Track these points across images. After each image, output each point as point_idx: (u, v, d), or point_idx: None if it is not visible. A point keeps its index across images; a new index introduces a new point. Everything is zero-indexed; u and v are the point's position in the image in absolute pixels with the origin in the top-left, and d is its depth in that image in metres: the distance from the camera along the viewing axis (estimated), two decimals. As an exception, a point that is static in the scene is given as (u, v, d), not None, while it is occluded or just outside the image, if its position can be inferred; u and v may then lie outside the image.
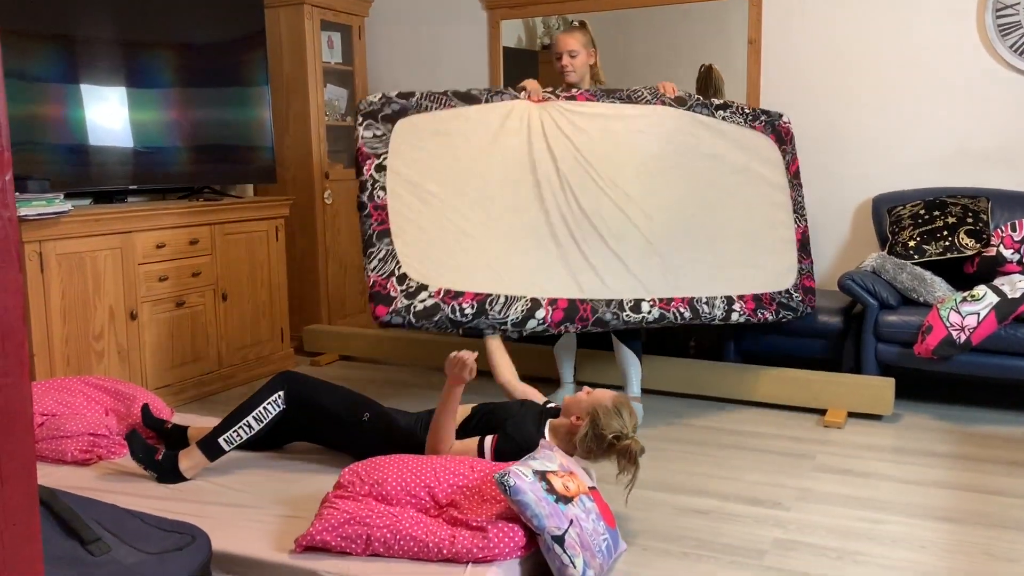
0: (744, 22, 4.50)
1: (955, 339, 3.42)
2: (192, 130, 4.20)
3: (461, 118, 3.39)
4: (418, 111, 3.37)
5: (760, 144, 3.76)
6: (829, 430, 3.47)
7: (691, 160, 3.60)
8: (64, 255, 3.43)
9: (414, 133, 3.33)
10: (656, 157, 3.53)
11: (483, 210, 3.31)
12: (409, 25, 5.31)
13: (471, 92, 3.44)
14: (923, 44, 4.18)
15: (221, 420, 2.67)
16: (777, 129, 3.81)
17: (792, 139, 3.85)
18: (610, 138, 3.49)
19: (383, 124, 3.32)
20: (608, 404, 2.45)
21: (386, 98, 3.35)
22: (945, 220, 3.87)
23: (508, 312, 3.19)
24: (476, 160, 3.35)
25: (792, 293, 3.72)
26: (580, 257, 3.35)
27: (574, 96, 3.54)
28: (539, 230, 3.34)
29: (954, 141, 4.18)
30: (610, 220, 3.41)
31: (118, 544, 1.80)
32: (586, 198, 3.40)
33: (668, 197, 3.52)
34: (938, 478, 2.96)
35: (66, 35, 3.68)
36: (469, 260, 3.24)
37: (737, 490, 2.88)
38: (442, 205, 3.27)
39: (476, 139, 3.37)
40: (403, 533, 2.10)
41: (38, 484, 1.13)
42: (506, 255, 3.28)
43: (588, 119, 3.51)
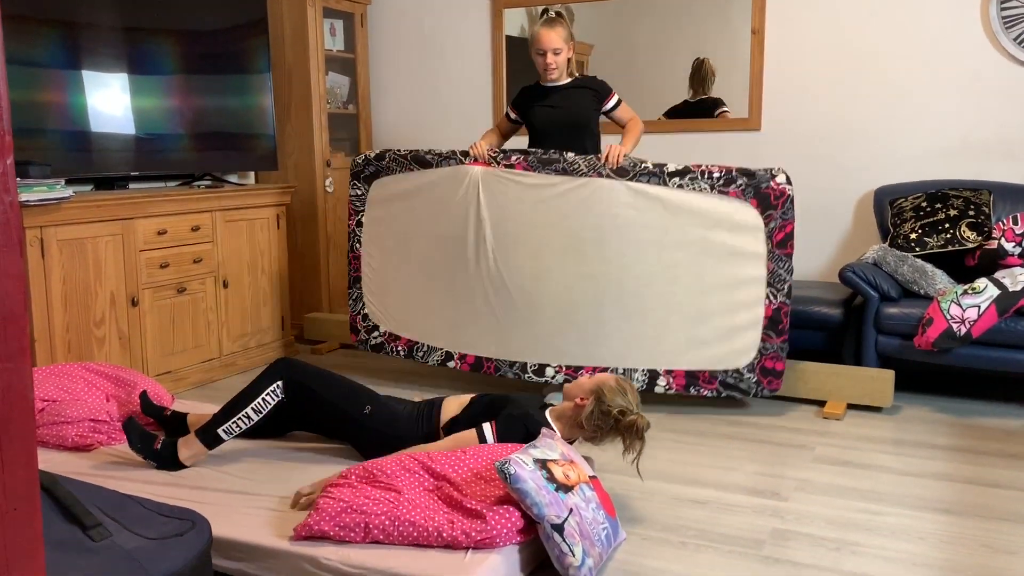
0: (747, 13, 4.48)
1: (955, 332, 3.42)
2: (194, 117, 4.19)
3: (417, 181, 3.84)
4: (388, 173, 3.92)
5: (731, 211, 3.40)
6: (828, 422, 3.48)
7: (629, 232, 3.48)
8: (65, 241, 3.43)
9: (383, 193, 3.94)
10: (585, 229, 3.54)
11: (424, 267, 3.85)
12: (412, 13, 5.29)
13: (425, 156, 3.81)
14: (927, 36, 4.16)
15: (220, 409, 2.66)
16: (762, 193, 3.36)
17: (785, 201, 3.36)
18: (540, 209, 3.59)
19: (363, 184, 3.99)
20: (611, 383, 2.47)
21: (366, 159, 3.96)
22: (947, 213, 3.87)
23: (428, 358, 3.91)
24: (423, 221, 3.83)
25: (744, 373, 3.46)
26: (494, 320, 3.72)
27: (513, 164, 3.62)
28: (464, 290, 3.76)
29: (957, 133, 4.17)
30: (527, 288, 3.64)
31: (119, 529, 1.80)
32: (508, 266, 3.66)
33: (595, 269, 3.54)
34: (937, 470, 2.97)
35: (68, 21, 3.66)
36: (409, 310, 3.92)
37: (736, 480, 2.88)
38: (395, 260, 3.94)
39: (426, 202, 3.81)
40: (401, 519, 2.11)
41: (39, 469, 1.14)
42: (437, 309, 3.84)
43: (523, 189, 3.61)
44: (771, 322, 3.42)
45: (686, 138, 4.70)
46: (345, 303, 5.16)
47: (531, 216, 3.60)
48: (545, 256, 3.59)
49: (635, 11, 4.75)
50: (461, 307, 3.77)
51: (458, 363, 3.82)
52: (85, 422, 2.84)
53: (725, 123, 4.60)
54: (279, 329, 4.56)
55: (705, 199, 3.42)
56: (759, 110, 4.52)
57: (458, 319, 3.80)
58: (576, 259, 3.56)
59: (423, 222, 3.83)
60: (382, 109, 5.47)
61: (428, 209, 3.81)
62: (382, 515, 2.12)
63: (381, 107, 5.47)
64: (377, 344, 4.04)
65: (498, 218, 3.65)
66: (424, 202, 3.82)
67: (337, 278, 5.10)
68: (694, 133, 4.68)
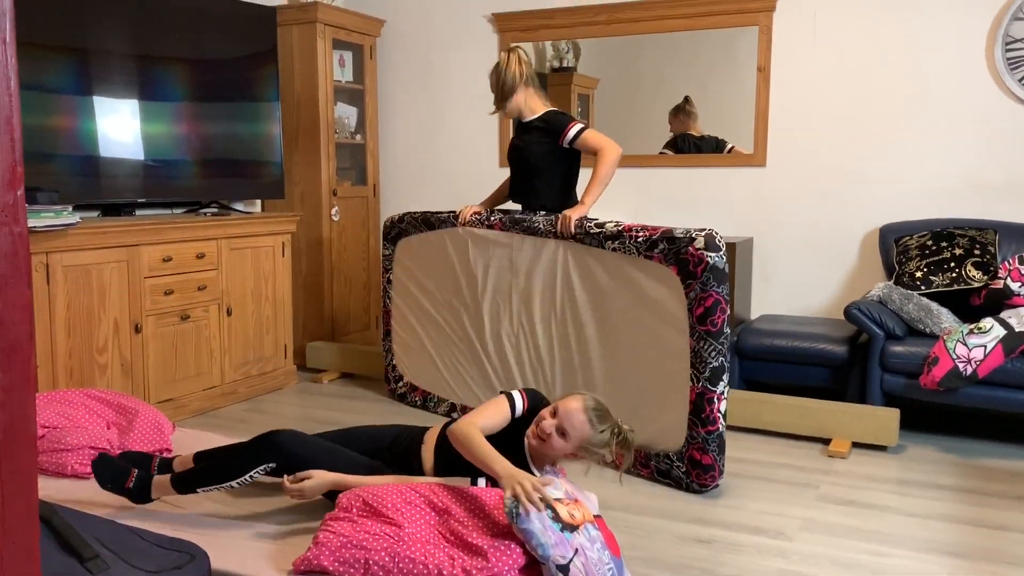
0: (752, 49, 4.51)
1: (961, 371, 3.40)
2: (202, 144, 4.22)
3: (426, 242, 4.07)
4: (407, 234, 4.15)
5: (659, 277, 3.13)
6: (833, 460, 3.45)
7: (577, 296, 3.47)
8: (71, 267, 3.43)
9: (405, 253, 4.18)
10: (546, 290, 3.61)
11: (434, 323, 4.08)
12: (420, 46, 5.34)
13: (430, 219, 4.01)
14: (933, 76, 4.19)
15: (204, 466, 2.46)
16: (682, 258, 3.02)
17: (704, 269, 2.96)
18: (512, 268, 3.73)
19: (391, 244, 4.24)
20: (590, 431, 2.32)
21: (392, 221, 4.20)
22: (952, 251, 3.87)
23: (438, 408, 4.07)
24: (431, 280, 4.07)
25: (674, 461, 3.11)
26: (489, 372, 3.86)
27: (492, 225, 3.77)
28: (464, 343, 3.96)
29: (962, 173, 4.18)
30: (508, 345, 3.78)
31: (116, 561, 1.78)
32: (494, 324, 3.82)
33: (559, 331, 3.59)
34: (943, 511, 2.93)
35: (80, 48, 3.70)
36: (423, 362, 4.14)
37: (740, 519, 2.85)
38: (413, 316, 4.16)
39: (433, 262, 4.04)
40: (402, 555, 2.08)
41: (38, 500, 1.12)
42: (444, 362, 4.05)
43: (500, 248, 3.76)
44: (695, 408, 3.03)
45: (694, 173, 4.71)
46: (348, 332, 5.16)
47: (508, 276, 3.75)
48: (523, 315, 3.72)
49: (640, 47, 4.79)
50: (462, 360, 3.98)
51: (460, 413, 3.95)
52: (85, 450, 2.82)
53: (730, 159, 4.62)
54: (282, 357, 4.55)
55: (635, 264, 3.22)
56: (764, 146, 4.54)
57: (460, 371, 3.99)
58: (544, 319, 3.65)
59: (431, 280, 4.06)
60: (389, 140, 5.50)
61: (434, 268, 4.03)
62: (382, 551, 2.09)
63: (388, 138, 5.50)
64: (401, 394, 4.28)
65: (486, 277, 3.82)
66: (431, 262, 4.04)
67: (340, 307, 5.10)
68: (700, 168, 4.69)
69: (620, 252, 3.27)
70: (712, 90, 4.64)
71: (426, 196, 5.43)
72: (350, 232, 5.17)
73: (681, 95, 4.71)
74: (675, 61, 4.72)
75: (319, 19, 4.80)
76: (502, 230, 3.72)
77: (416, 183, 5.45)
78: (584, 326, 3.48)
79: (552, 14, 4.92)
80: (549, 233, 3.56)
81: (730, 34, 4.57)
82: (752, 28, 4.50)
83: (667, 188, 4.79)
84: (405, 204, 5.51)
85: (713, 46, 4.62)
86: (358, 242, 5.24)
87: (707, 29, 4.59)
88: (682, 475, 3.10)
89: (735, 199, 4.64)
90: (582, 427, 2.32)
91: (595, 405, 2.36)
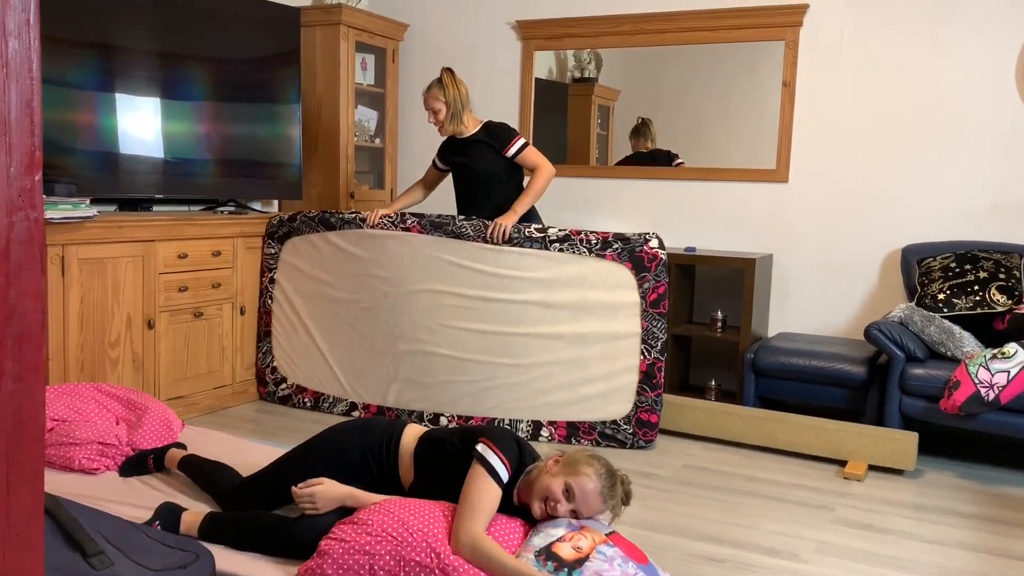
0: (775, 64, 4.48)
1: (983, 396, 3.34)
2: (222, 143, 4.21)
3: (323, 242, 4.09)
4: (298, 234, 4.14)
5: (608, 272, 3.66)
6: (849, 482, 3.39)
7: (514, 293, 3.73)
8: (86, 260, 3.42)
9: (294, 253, 4.16)
10: (474, 288, 3.79)
11: (329, 323, 4.08)
12: (443, 51, 5.33)
13: (330, 219, 4.06)
14: (960, 95, 4.14)
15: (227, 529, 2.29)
16: (636, 256, 3.63)
17: (658, 264, 3.62)
18: (432, 269, 3.85)
19: (277, 243, 4.19)
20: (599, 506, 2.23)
21: (281, 220, 4.18)
22: (976, 274, 3.81)
23: (333, 409, 4.09)
24: (328, 279, 4.07)
25: (621, 425, 3.69)
26: (393, 370, 3.96)
27: (409, 228, 3.88)
28: (366, 343, 4.00)
29: (988, 194, 4.12)
30: (423, 341, 3.88)
31: (120, 558, 1.75)
32: (403, 321, 3.91)
33: (483, 326, 3.78)
34: (961, 539, 2.87)
35: (104, 44, 3.70)
36: (315, 363, 4.13)
37: (753, 539, 2.80)
38: (303, 316, 4.14)
39: (331, 262, 4.06)
40: (407, 559, 2.05)
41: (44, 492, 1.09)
42: (341, 362, 4.06)
43: (417, 249, 3.87)
44: (646, 376, 3.65)
45: (714, 187, 4.67)
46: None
47: (425, 275, 3.86)
48: (438, 313, 3.85)
49: (661, 59, 4.76)
50: (363, 360, 4.03)
51: (362, 412, 4.04)
52: (93, 444, 2.80)
53: (752, 173, 4.57)
54: (293, 359, 4.52)
55: (584, 262, 3.68)
56: (787, 162, 4.49)
57: (360, 371, 4.04)
58: (466, 316, 3.80)
59: (328, 280, 4.09)
60: (409, 144, 5.49)
61: (333, 268, 4.07)
62: (387, 555, 2.06)
63: (408, 142, 5.49)
64: (284, 396, 4.22)
65: (395, 277, 3.91)
66: (329, 262, 4.08)
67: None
68: (720, 182, 4.65)
69: (568, 252, 3.67)
70: (732, 104, 4.60)
71: (443, 201, 5.41)
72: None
73: (702, 108, 4.68)
74: (696, 74, 4.68)
75: (343, 21, 4.79)
76: (420, 232, 3.85)
77: (434, 189, 5.43)
78: (522, 321, 3.73)
79: (576, 23, 4.90)
80: (474, 238, 3.75)
81: (753, 48, 4.53)
82: (778, 43, 4.46)
83: (685, 201, 4.75)
84: (422, 207, 5.48)
85: (735, 60, 4.58)
86: (374, 246, 5.22)
87: (733, 43, 4.56)
88: (628, 436, 3.69)
89: (755, 214, 4.59)
90: (597, 507, 2.23)
91: (607, 481, 2.23)
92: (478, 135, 3.89)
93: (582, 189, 4.99)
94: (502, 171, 3.89)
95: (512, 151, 3.85)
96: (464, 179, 3.97)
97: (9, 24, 0.95)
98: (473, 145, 3.90)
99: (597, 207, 4.96)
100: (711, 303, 4.67)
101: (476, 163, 3.89)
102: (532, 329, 3.73)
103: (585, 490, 2.19)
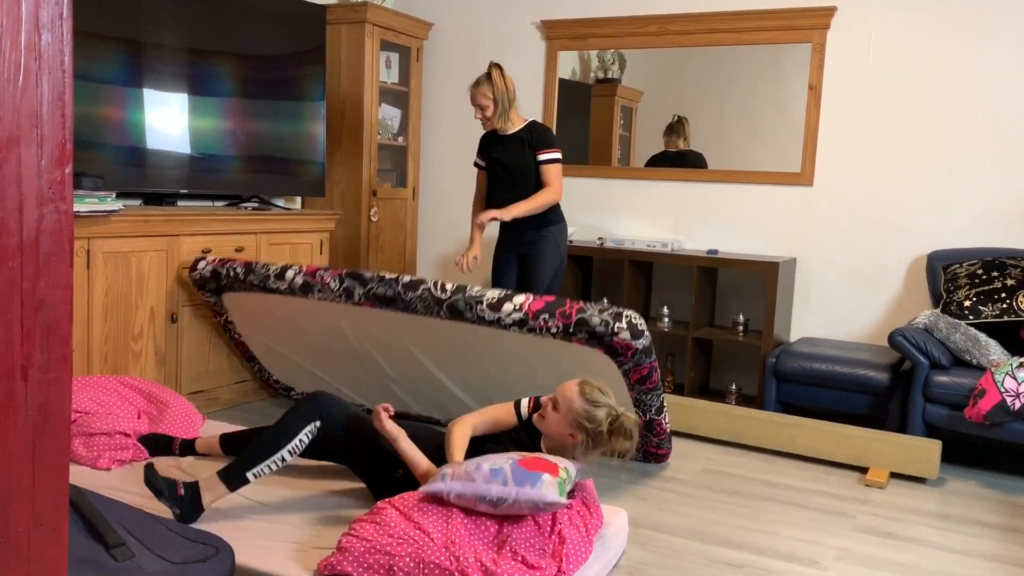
0: (800, 66, 4.44)
1: (1009, 405, 3.29)
2: (247, 139, 4.24)
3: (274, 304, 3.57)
4: (233, 290, 3.62)
5: (581, 356, 2.98)
6: (871, 489, 3.36)
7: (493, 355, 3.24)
8: (111, 253, 3.45)
9: (240, 304, 3.71)
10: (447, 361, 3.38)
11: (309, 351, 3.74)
12: (467, 51, 5.33)
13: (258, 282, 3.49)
14: (989, 99, 4.09)
15: (248, 448, 2.44)
16: (607, 344, 2.88)
17: (634, 353, 2.87)
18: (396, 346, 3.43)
19: (213, 295, 3.73)
20: (581, 404, 2.39)
21: (204, 279, 3.65)
22: (1004, 282, 3.76)
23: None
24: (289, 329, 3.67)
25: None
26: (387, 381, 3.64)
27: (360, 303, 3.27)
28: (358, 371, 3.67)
29: (1017, 201, 4.06)
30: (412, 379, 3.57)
31: (142, 550, 1.76)
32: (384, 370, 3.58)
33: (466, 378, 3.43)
34: (985, 549, 2.83)
35: (133, 40, 3.73)
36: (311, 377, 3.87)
37: (773, 544, 2.78)
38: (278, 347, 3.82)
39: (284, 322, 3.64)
40: (426, 560, 2.05)
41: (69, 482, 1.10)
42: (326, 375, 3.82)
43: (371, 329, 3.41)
44: (646, 427, 3.19)
45: (737, 189, 4.64)
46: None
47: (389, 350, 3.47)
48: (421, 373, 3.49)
49: (686, 60, 4.73)
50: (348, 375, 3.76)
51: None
52: (115, 436, 2.82)
53: (776, 176, 4.54)
54: (314, 355, 4.54)
55: (552, 343, 3.01)
56: (812, 165, 4.45)
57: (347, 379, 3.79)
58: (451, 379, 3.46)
59: (291, 332, 3.69)
60: (432, 143, 5.49)
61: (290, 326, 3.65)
62: (407, 556, 2.06)
63: (431, 141, 5.49)
64: (300, 396, 3.99)
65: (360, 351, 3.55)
66: (282, 323, 3.66)
67: (375, 308, 5.09)
68: (744, 185, 4.62)
69: (532, 335, 2.99)
70: (756, 106, 4.57)
71: (465, 201, 5.41)
72: (388, 233, 5.16)
73: (725, 110, 4.65)
74: (720, 76, 4.65)
75: (368, 19, 4.80)
76: (374, 307, 3.25)
77: (456, 187, 5.43)
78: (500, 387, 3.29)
79: (601, 23, 4.89)
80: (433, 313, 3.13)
81: (777, 50, 4.50)
82: (804, 45, 4.43)
83: (707, 203, 4.72)
84: (444, 207, 5.50)
85: (760, 62, 4.55)
86: (395, 244, 5.24)
87: (759, 44, 4.53)
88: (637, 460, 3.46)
89: (779, 217, 4.56)
90: (573, 398, 2.39)
91: (592, 385, 2.43)
92: (521, 132, 3.87)
93: (604, 190, 4.97)
94: (531, 171, 3.87)
95: (544, 157, 3.82)
96: (500, 173, 3.92)
97: (43, 17, 0.96)
98: (512, 140, 3.87)
99: (618, 209, 4.95)
100: (733, 306, 4.65)
101: (510, 158, 3.86)
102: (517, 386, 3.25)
103: (564, 384, 2.44)
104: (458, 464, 2.27)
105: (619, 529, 2.57)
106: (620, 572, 2.51)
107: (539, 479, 2.18)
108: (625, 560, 2.59)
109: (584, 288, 4.93)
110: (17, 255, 0.96)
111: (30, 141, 0.95)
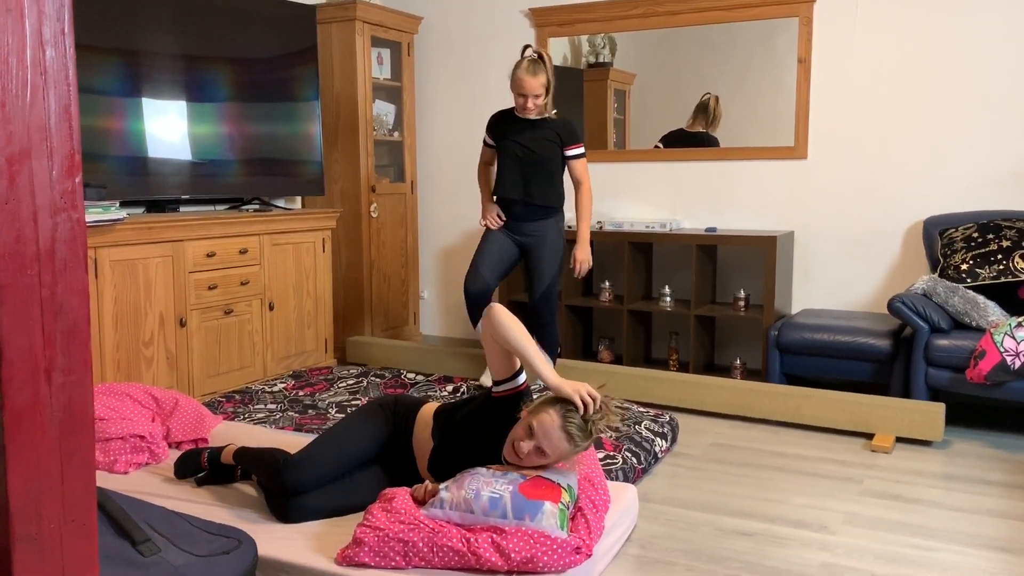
0: (792, 41, 4.46)
1: (1009, 365, 3.34)
2: (245, 143, 4.28)
3: None
4: None
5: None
6: (877, 455, 3.40)
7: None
8: (118, 262, 3.51)
9: None
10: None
11: None
12: (457, 43, 5.36)
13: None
14: (977, 65, 4.11)
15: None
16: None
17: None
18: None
19: None
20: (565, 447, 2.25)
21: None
22: (999, 244, 3.79)
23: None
24: None
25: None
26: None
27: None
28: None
29: (1009, 163, 4.09)
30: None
31: (167, 545, 1.82)
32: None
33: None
34: (991, 507, 2.88)
35: (130, 50, 3.77)
36: None
37: (782, 512, 2.83)
38: None
39: None
40: (440, 545, 2.10)
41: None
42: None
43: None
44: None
45: (733, 166, 4.68)
46: (387, 327, 5.19)
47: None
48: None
49: (676, 41, 4.76)
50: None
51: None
52: (131, 440, 2.88)
53: (770, 151, 4.57)
54: (323, 352, 4.60)
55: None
56: (805, 138, 4.49)
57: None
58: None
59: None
60: (427, 136, 5.53)
61: None
62: (420, 542, 2.11)
63: (426, 135, 5.53)
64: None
65: None
66: None
67: (379, 302, 5.14)
68: (740, 161, 4.65)
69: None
70: (750, 83, 4.60)
71: (463, 193, 5.46)
72: (389, 228, 5.21)
73: (718, 89, 4.68)
74: (712, 55, 4.68)
75: (358, 16, 4.84)
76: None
77: (454, 179, 5.47)
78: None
79: (589, 8, 4.91)
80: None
81: (768, 26, 4.52)
82: (792, 19, 4.45)
83: (704, 182, 4.76)
84: (443, 200, 5.54)
85: (750, 38, 4.57)
86: (396, 239, 5.28)
87: (746, 21, 4.55)
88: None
89: (776, 192, 4.60)
90: (560, 445, 2.24)
91: (573, 419, 2.23)
92: (553, 124, 3.89)
93: (601, 174, 5.01)
94: (551, 163, 3.89)
95: (572, 152, 3.89)
96: (519, 154, 3.88)
97: (46, 33, 1.00)
98: (541, 127, 3.87)
99: (617, 192, 4.98)
100: (734, 282, 4.69)
101: (540, 147, 3.86)
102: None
103: (544, 426, 2.23)
104: (457, 488, 2.22)
105: (629, 505, 2.62)
106: (632, 546, 2.57)
107: (539, 509, 2.15)
108: (637, 534, 2.65)
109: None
110: (35, 263, 1.00)
111: (40, 153, 0.99)
